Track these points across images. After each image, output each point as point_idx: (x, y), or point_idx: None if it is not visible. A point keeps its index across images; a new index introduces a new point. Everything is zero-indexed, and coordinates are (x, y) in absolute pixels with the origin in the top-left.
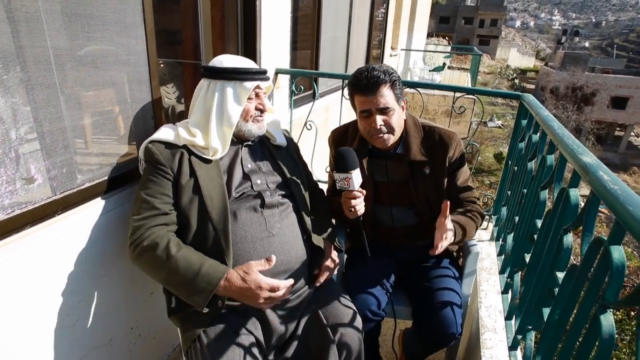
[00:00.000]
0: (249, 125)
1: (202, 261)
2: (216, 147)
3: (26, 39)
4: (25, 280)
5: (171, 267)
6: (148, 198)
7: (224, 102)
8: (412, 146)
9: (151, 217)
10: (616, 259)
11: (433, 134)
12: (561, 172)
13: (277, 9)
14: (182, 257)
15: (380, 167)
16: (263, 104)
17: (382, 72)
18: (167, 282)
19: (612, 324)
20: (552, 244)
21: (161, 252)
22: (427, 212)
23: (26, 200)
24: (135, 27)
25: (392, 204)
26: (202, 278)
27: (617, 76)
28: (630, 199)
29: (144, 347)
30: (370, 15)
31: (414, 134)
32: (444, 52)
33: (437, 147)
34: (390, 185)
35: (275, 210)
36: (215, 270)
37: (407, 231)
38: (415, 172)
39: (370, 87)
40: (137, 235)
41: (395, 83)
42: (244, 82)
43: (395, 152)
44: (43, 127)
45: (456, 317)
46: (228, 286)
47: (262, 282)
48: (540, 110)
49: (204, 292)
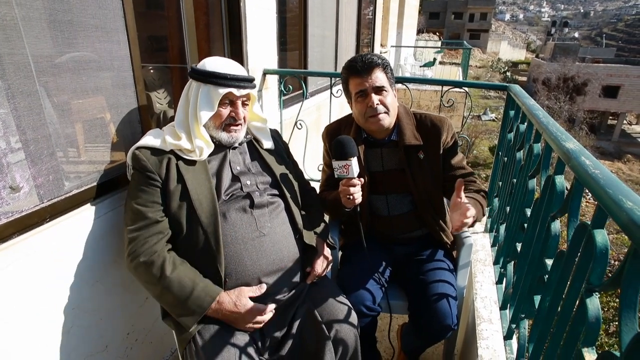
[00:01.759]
0: (219, 133)
1: (194, 284)
2: (201, 145)
3: (3, 46)
4: (17, 289)
5: (164, 286)
6: (139, 208)
7: (197, 103)
8: (405, 131)
9: (144, 227)
10: (599, 243)
11: (425, 120)
12: (547, 160)
13: (262, 10)
14: (176, 278)
15: (375, 155)
16: (237, 112)
17: (375, 57)
18: (159, 299)
19: (598, 307)
20: (540, 232)
21: (156, 271)
22: (423, 199)
23: (13, 209)
24: (117, 32)
25: (387, 192)
26: (193, 301)
27: (607, 65)
28: (610, 183)
29: (141, 352)
30: (358, 14)
31: (407, 120)
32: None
33: (430, 132)
34: (386, 173)
35: (265, 210)
36: (206, 294)
37: (403, 220)
38: (410, 157)
39: (365, 68)
40: (134, 249)
41: (387, 67)
42: (217, 86)
43: (389, 140)
44: (27, 135)
45: (451, 309)
46: (219, 309)
47: (253, 309)
48: (526, 100)
49: (194, 314)
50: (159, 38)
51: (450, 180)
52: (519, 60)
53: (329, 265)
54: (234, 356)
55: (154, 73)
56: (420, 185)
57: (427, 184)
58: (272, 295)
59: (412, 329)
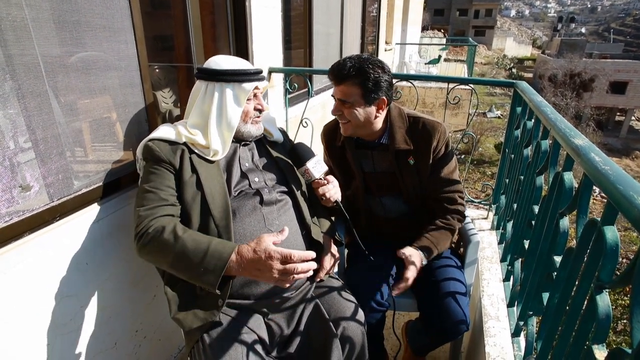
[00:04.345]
0: (248, 127)
1: (210, 239)
2: (217, 149)
3: (14, 47)
4: (27, 287)
5: (179, 248)
6: (153, 189)
7: (223, 104)
8: (396, 135)
9: (157, 207)
10: (610, 239)
11: (417, 124)
12: (555, 156)
13: (267, 9)
14: (190, 237)
15: (367, 157)
16: (261, 104)
17: (355, 69)
18: (175, 266)
19: (608, 304)
20: (549, 229)
21: (168, 235)
22: (415, 202)
23: (24, 208)
24: (124, 31)
25: (381, 194)
26: (212, 254)
27: (615, 61)
28: (621, 179)
29: (150, 349)
30: (362, 11)
31: (399, 123)
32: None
33: (420, 137)
34: (378, 175)
35: (274, 207)
36: (224, 246)
37: (400, 221)
38: (400, 162)
39: (336, 76)
40: (143, 225)
41: (364, 80)
42: (242, 83)
43: (380, 142)
44: (36, 134)
45: (463, 307)
46: (240, 260)
47: (272, 251)
48: (533, 97)
49: (216, 269)
50: (165, 37)
51: (433, 193)
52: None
53: (336, 262)
54: (242, 354)
55: (160, 72)
56: (410, 189)
57: (418, 188)
58: (279, 293)
59: (423, 328)
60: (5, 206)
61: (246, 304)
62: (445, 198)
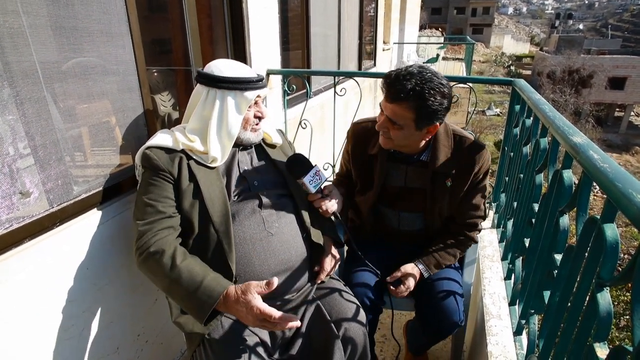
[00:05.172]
0: (247, 134)
1: (205, 274)
2: (216, 156)
3: (12, 54)
4: (28, 293)
5: (174, 276)
6: (151, 202)
7: (224, 112)
8: (439, 155)
9: (157, 221)
10: (609, 237)
11: (462, 144)
12: (554, 154)
13: (264, 10)
14: (186, 267)
15: (399, 171)
16: (262, 111)
17: (415, 93)
18: (169, 291)
19: (609, 302)
20: (549, 227)
21: (167, 260)
22: (436, 222)
23: (24, 214)
24: (121, 36)
25: (402, 209)
26: (203, 291)
27: (613, 57)
28: (619, 176)
29: (152, 353)
30: (359, 11)
31: (444, 142)
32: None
33: (464, 160)
34: (406, 191)
35: (273, 209)
36: (217, 284)
37: (411, 235)
38: (436, 182)
39: (389, 94)
40: (144, 241)
41: (422, 111)
42: (245, 91)
43: (418, 159)
44: (35, 140)
45: (458, 305)
46: (226, 302)
47: (254, 307)
48: (531, 95)
49: (204, 305)
50: (163, 41)
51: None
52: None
53: (336, 263)
54: (244, 356)
55: (158, 76)
56: (436, 210)
57: (444, 210)
58: (280, 295)
59: (419, 326)
60: (5, 213)
61: None
62: (467, 224)
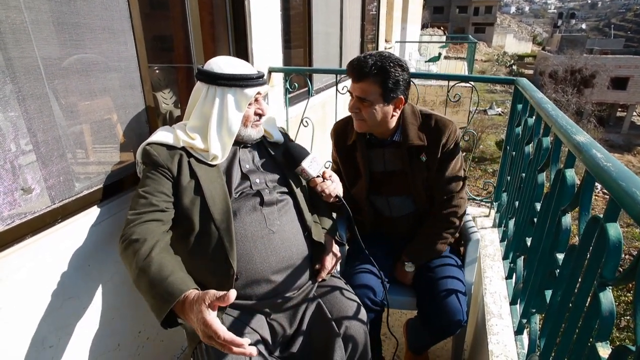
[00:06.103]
0: (248, 131)
1: (174, 270)
2: (216, 153)
3: (14, 50)
4: (30, 289)
5: (144, 265)
6: (145, 194)
7: (224, 109)
8: (409, 132)
9: (147, 212)
10: (612, 236)
11: (429, 120)
12: (557, 153)
13: (267, 8)
14: (158, 260)
15: (378, 156)
16: (262, 108)
17: (377, 68)
18: (137, 281)
19: (611, 301)
20: (551, 226)
21: (144, 249)
22: (423, 201)
23: (25, 210)
24: (123, 33)
25: (389, 194)
26: (166, 286)
27: (616, 56)
28: (623, 175)
29: (153, 350)
30: (362, 10)
31: (412, 120)
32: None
33: (432, 133)
34: (387, 174)
35: (274, 207)
36: (182, 282)
37: (406, 221)
38: (412, 159)
39: (356, 73)
40: (129, 228)
41: (387, 83)
42: (245, 89)
43: (392, 140)
44: (37, 137)
45: (461, 304)
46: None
47: (203, 319)
48: (534, 94)
49: (164, 302)
50: (165, 38)
51: (436, 192)
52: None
53: (337, 262)
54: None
55: (160, 73)
56: (420, 187)
57: (428, 187)
58: (281, 293)
59: (421, 325)
60: (7, 209)
61: (248, 304)
62: (445, 200)
